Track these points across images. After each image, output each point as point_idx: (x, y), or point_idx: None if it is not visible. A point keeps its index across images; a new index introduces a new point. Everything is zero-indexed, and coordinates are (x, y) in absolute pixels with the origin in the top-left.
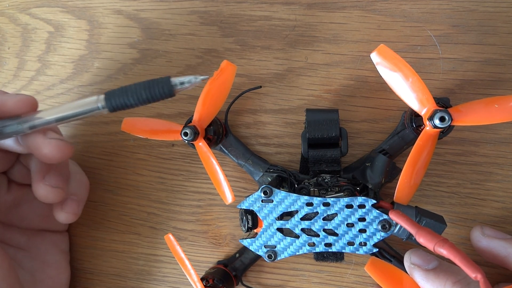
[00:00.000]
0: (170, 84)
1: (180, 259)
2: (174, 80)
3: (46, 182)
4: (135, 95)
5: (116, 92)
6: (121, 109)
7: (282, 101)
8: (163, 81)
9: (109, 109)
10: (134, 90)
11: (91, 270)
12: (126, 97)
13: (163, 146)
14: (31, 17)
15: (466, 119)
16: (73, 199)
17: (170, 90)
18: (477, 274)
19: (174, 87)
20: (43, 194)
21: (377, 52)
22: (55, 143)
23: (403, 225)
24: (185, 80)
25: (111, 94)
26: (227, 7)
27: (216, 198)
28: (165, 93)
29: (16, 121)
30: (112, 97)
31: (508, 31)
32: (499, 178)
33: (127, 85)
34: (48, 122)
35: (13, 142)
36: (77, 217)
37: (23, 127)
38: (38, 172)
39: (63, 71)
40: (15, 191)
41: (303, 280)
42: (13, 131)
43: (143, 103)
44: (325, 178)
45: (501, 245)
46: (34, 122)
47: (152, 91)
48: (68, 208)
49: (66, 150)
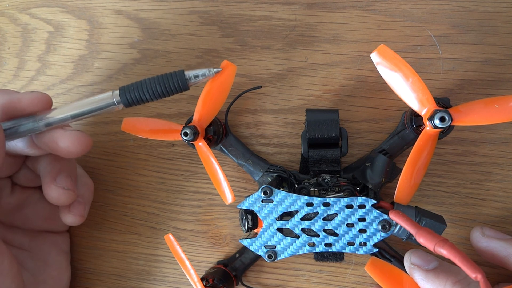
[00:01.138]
0: (184, 77)
1: (180, 259)
2: (188, 73)
3: (58, 184)
4: (150, 90)
5: (131, 87)
6: (136, 104)
7: (282, 101)
8: (177, 74)
9: (124, 104)
10: (149, 84)
11: (92, 270)
12: (141, 91)
13: (163, 146)
14: (31, 17)
15: (466, 119)
16: (80, 202)
17: (184, 84)
18: (477, 274)
19: (189, 80)
20: (55, 196)
21: (377, 52)
22: (76, 135)
23: (403, 225)
24: (199, 73)
25: (125, 89)
26: (227, 7)
27: (216, 198)
28: (180, 87)
29: (31, 120)
30: (127, 92)
31: (508, 31)
32: (499, 178)
33: (141, 80)
34: (63, 119)
35: (24, 144)
36: (84, 219)
37: (39, 125)
38: (48, 174)
39: (63, 71)
40: (19, 194)
41: (303, 280)
42: (28, 129)
43: (158, 97)
44: (325, 178)
45: (501, 246)
46: (50, 119)
47: (166, 85)
48: (76, 210)
49: (86, 142)
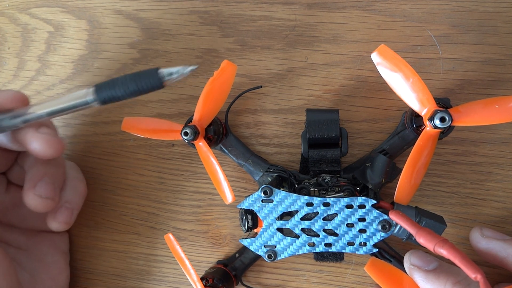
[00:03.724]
0: (158, 75)
1: (180, 259)
2: (163, 71)
3: (36, 191)
4: (123, 87)
5: (105, 84)
6: (111, 102)
7: (282, 101)
8: (151, 72)
9: (100, 101)
10: (123, 82)
11: (91, 270)
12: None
13: (163, 146)
14: (31, 17)
15: (466, 119)
16: (67, 208)
17: (159, 82)
18: (477, 274)
19: (163, 78)
20: (32, 204)
21: (377, 52)
22: (46, 138)
23: (403, 225)
24: (174, 71)
25: (100, 86)
26: (227, 7)
27: (216, 198)
28: (154, 85)
29: (8, 116)
30: (102, 90)
31: (508, 31)
32: (499, 178)
33: (116, 77)
34: (40, 116)
35: (7, 139)
36: (70, 226)
37: (16, 121)
38: (30, 179)
39: (63, 71)
40: (14, 192)
41: (303, 280)
42: (6, 125)
43: (132, 95)
44: (325, 178)
45: (500, 246)
46: (26, 116)
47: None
48: (60, 217)
49: (56, 146)
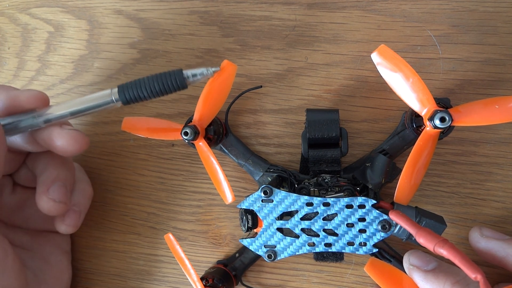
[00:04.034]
0: (183, 76)
1: (180, 259)
2: (187, 72)
3: (50, 195)
4: (148, 88)
5: (129, 85)
6: (134, 102)
7: (282, 101)
8: (176, 73)
9: (123, 101)
10: (147, 82)
11: (92, 270)
12: (139, 89)
13: (163, 146)
14: (31, 17)
15: (466, 119)
16: (75, 211)
17: (183, 83)
18: (477, 274)
19: (187, 79)
20: (45, 208)
21: (377, 52)
22: (72, 134)
23: (403, 225)
24: (198, 73)
25: (124, 87)
26: (227, 7)
27: (216, 198)
28: (178, 86)
29: (30, 116)
30: (125, 90)
31: (508, 31)
32: (499, 178)
33: (140, 78)
34: (62, 115)
35: (24, 140)
36: (77, 228)
37: (38, 121)
38: (43, 183)
39: (63, 71)
40: (20, 193)
41: (303, 280)
42: (28, 125)
43: (156, 95)
44: (325, 178)
45: (500, 246)
46: (49, 116)
47: (165, 83)
48: (69, 221)
49: (82, 141)
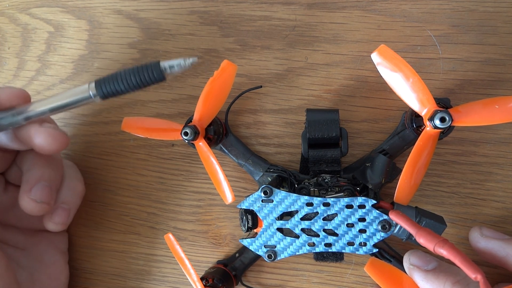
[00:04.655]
0: (160, 68)
1: (180, 259)
2: (164, 64)
3: (31, 195)
4: (125, 81)
5: (106, 79)
6: (112, 96)
7: (282, 101)
8: (153, 65)
9: (101, 96)
10: (124, 75)
11: (91, 270)
12: (116, 83)
13: (163, 146)
14: (31, 17)
15: (466, 119)
16: (64, 208)
17: (160, 75)
18: (477, 274)
19: (164, 71)
20: (27, 208)
21: (377, 52)
22: (50, 132)
23: (403, 225)
24: (175, 64)
25: (101, 81)
26: (227, 7)
27: (216, 198)
28: (155, 78)
29: (10, 113)
30: (103, 84)
31: (508, 31)
32: (499, 178)
33: (117, 71)
34: (42, 112)
35: (8, 138)
36: (66, 226)
37: (18, 119)
38: (26, 182)
39: (63, 71)
40: (12, 192)
41: (303, 280)
42: (8, 123)
43: (134, 88)
44: (325, 178)
45: (500, 246)
46: (29, 113)
47: (142, 76)
48: (57, 219)
49: (60, 139)
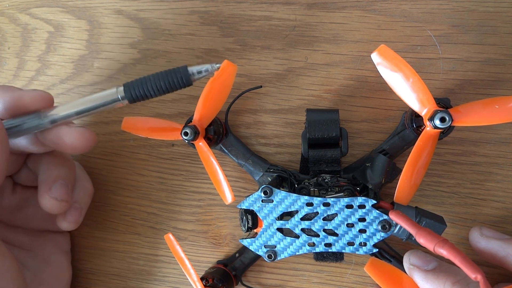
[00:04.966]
0: (188, 73)
1: (180, 259)
2: (192, 69)
3: (52, 194)
4: (154, 85)
5: (135, 83)
6: (140, 100)
7: (282, 101)
8: (181, 70)
9: (129, 100)
10: (153, 80)
11: (92, 270)
12: (145, 87)
13: (163, 146)
14: (31, 17)
15: (466, 119)
16: (76, 208)
17: (188, 80)
18: (477, 274)
19: (192, 76)
20: (48, 206)
21: (377, 52)
22: (81, 131)
23: (403, 225)
24: (203, 69)
25: (130, 85)
26: (227, 7)
27: (216, 198)
28: (183, 83)
29: (36, 117)
30: (131, 88)
31: (508, 31)
32: (499, 178)
33: (145, 76)
34: (68, 115)
35: (27, 142)
36: (78, 225)
37: (44, 122)
38: (45, 181)
39: (63, 71)
40: (20, 193)
41: (303, 280)
42: (33, 126)
43: (162, 92)
44: (325, 178)
45: (500, 246)
46: (55, 116)
47: (170, 80)
48: (70, 217)
49: (91, 138)
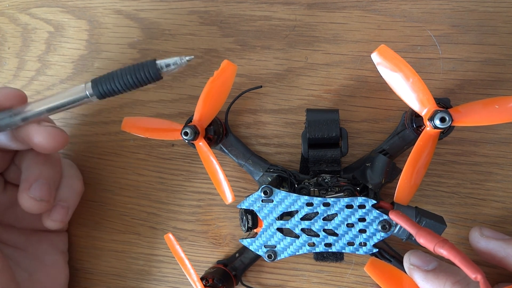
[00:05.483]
0: (156, 67)
1: (180, 259)
2: (160, 62)
3: (30, 193)
4: (121, 80)
5: (103, 78)
6: (109, 96)
7: (282, 101)
8: (149, 64)
9: (97, 96)
10: (120, 75)
11: (91, 270)
12: (112, 83)
13: (163, 146)
14: (31, 17)
15: (466, 119)
16: (62, 206)
17: (156, 74)
18: (477, 274)
19: (161, 70)
20: (26, 206)
21: (377, 52)
22: (50, 130)
23: (403, 225)
24: (171, 62)
25: (97, 81)
26: (227, 7)
27: (216, 198)
28: (152, 77)
29: (7, 114)
30: (99, 84)
31: (508, 31)
32: (499, 178)
33: (113, 71)
34: (39, 112)
35: (7, 138)
36: (65, 224)
37: (16, 119)
38: (25, 180)
39: (63, 71)
40: (11, 191)
41: (303, 280)
42: (5, 124)
43: (131, 88)
44: (325, 178)
45: (500, 246)
46: (26, 113)
47: (138, 75)
48: (56, 216)
49: (60, 138)
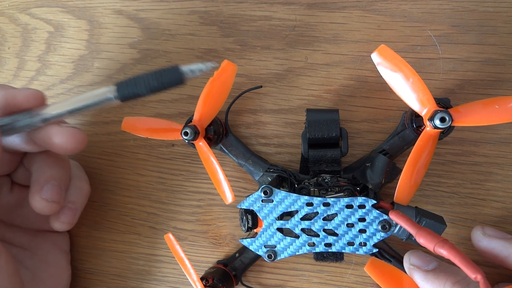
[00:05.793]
0: (180, 72)
1: (180, 259)
2: (184, 68)
3: (42, 195)
4: (146, 85)
5: (127, 82)
6: (132, 99)
7: (282, 101)
8: (173, 69)
9: (121, 99)
10: (145, 79)
11: (92, 270)
12: (137, 86)
13: (163, 146)
14: (31, 17)
15: (466, 119)
16: (70, 208)
17: (180, 79)
18: (477, 274)
19: (184, 75)
20: (38, 207)
21: (377, 52)
22: (71, 131)
23: (403, 225)
24: (195, 68)
25: (122, 84)
26: (227, 7)
27: (216, 198)
28: (175, 82)
29: (28, 115)
30: (123, 88)
31: (508, 31)
32: (499, 178)
33: (137, 75)
34: (60, 114)
35: (21, 140)
36: (72, 226)
37: (35, 121)
38: (36, 182)
39: (63, 71)
40: (18, 192)
41: (303, 280)
42: (25, 124)
43: (154, 91)
44: (325, 178)
45: (502, 245)
46: (47, 115)
47: (162, 80)
48: (64, 218)
49: (81, 138)
